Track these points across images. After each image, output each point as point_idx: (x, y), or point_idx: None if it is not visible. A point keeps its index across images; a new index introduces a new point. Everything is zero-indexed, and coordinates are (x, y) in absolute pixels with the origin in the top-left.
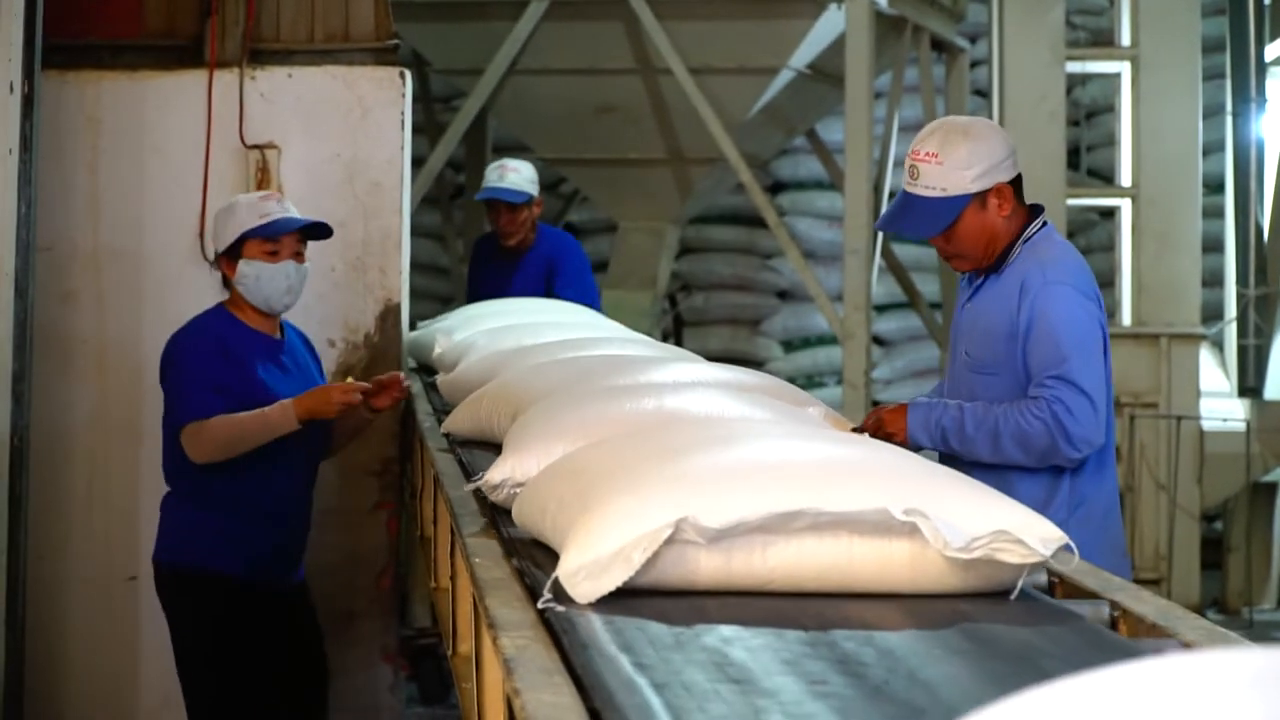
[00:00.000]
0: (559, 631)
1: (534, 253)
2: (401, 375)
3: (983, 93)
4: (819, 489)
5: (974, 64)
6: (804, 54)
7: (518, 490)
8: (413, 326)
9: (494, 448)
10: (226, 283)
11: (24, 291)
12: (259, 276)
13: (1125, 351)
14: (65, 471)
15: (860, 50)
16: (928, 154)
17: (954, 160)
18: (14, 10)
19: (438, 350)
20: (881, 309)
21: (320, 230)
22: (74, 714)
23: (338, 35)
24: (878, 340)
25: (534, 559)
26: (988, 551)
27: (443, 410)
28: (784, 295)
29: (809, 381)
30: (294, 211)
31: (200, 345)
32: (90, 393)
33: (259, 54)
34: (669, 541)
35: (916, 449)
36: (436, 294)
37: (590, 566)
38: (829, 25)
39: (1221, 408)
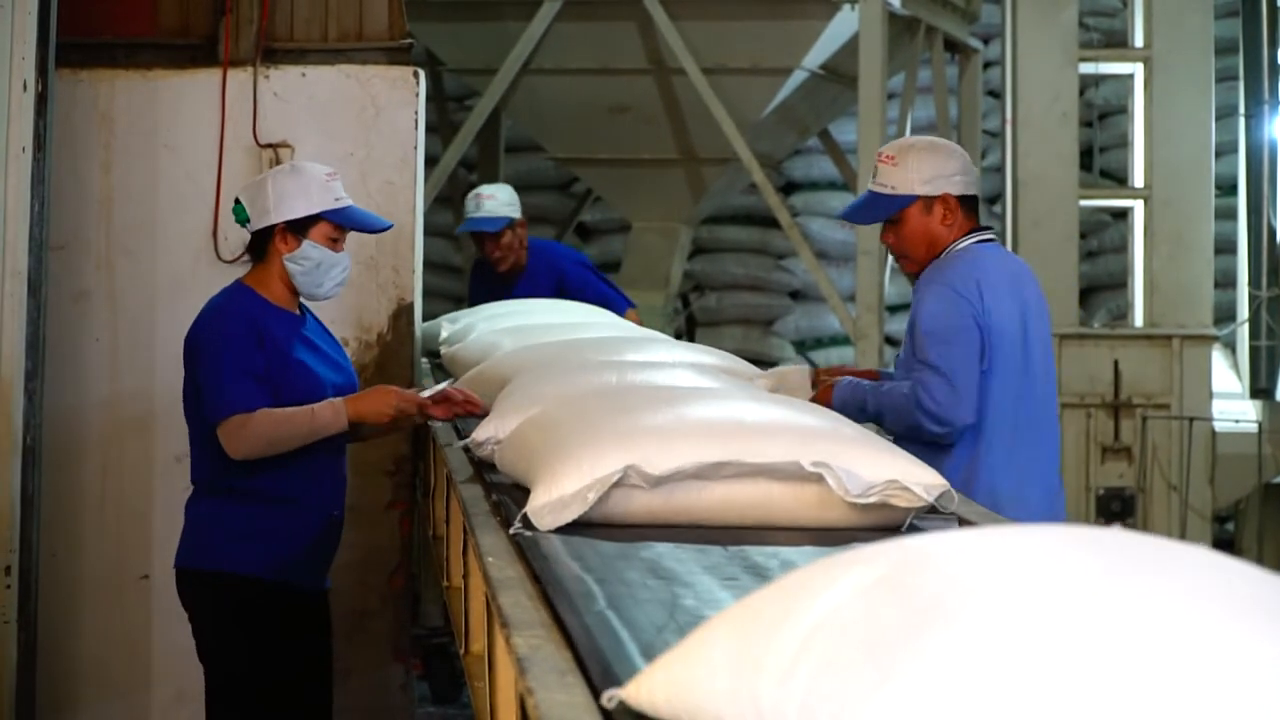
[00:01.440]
0: (526, 549)
1: (530, 271)
2: (474, 396)
3: (996, 94)
4: (743, 443)
5: (987, 65)
6: (817, 54)
7: (497, 447)
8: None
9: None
10: (258, 255)
11: (37, 290)
12: (320, 263)
13: (1137, 352)
14: (78, 470)
15: (874, 51)
16: (887, 156)
17: (906, 164)
18: (28, 8)
19: (444, 334)
20: (894, 309)
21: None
22: (87, 712)
23: (351, 34)
24: (890, 340)
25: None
26: (882, 497)
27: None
28: (797, 295)
29: None
30: (350, 200)
31: (234, 330)
32: (103, 392)
33: (273, 53)
34: (618, 484)
35: None
36: (449, 293)
37: (554, 504)
38: (842, 26)
39: (1233, 409)
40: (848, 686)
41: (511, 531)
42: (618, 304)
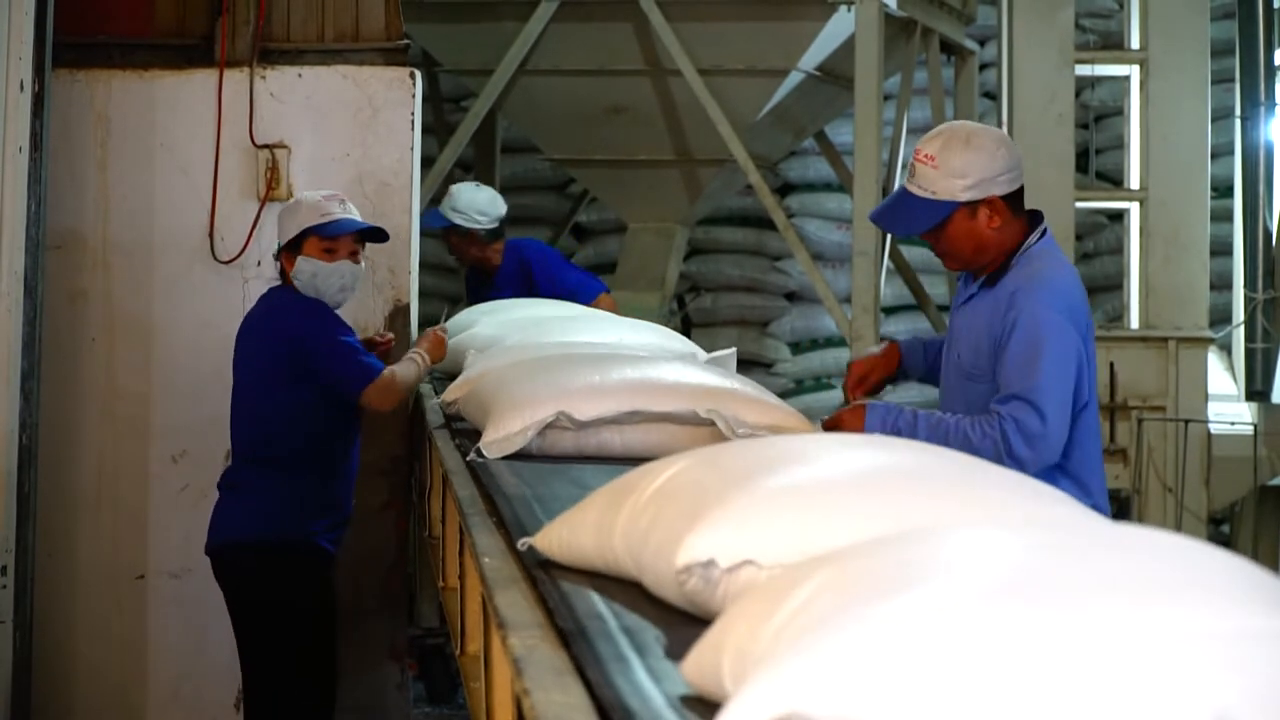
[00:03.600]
0: (479, 471)
1: (503, 269)
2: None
3: (992, 95)
4: (652, 396)
5: (983, 66)
6: (813, 56)
7: (461, 400)
8: (421, 326)
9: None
10: (284, 276)
11: (33, 289)
12: (315, 274)
13: (1133, 354)
14: (74, 470)
15: (870, 52)
16: (927, 155)
17: (949, 167)
18: (25, 8)
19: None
20: (890, 311)
21: (377, 234)
22: (82, 711)
23: (348, 35)
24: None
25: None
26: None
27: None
28: (792, 297)
29: (817, 383)
30: (355, 214)
31: (325, 316)
32: (99, 391)
33: (269, 53)
34: (552, 426)
35: None
36: (445, 293)
37: (500, 440)
38: (838, 27)
39: (1229, 411)
40: (670, 527)
41: (467, 459)
42: (588, 288)
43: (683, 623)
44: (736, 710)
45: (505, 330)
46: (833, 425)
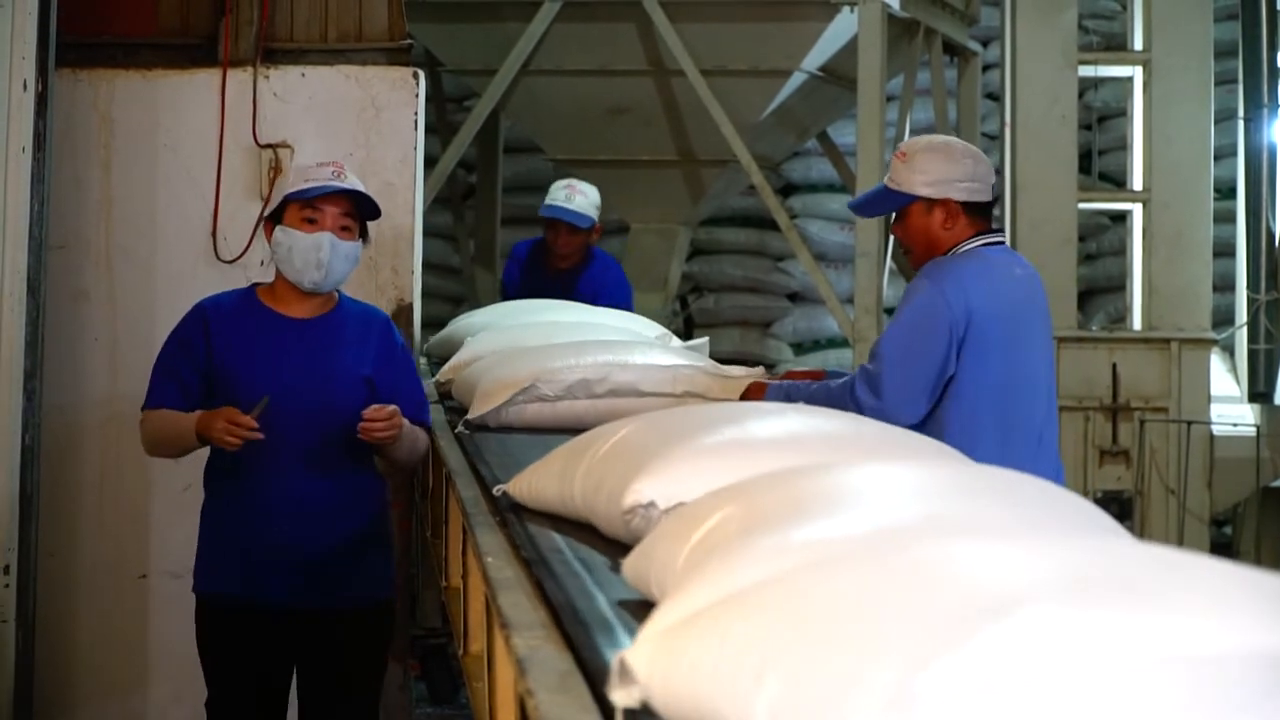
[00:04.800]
0: (464, 441)
1: (585, 275)
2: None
3: (995, 96)
4: (621, 372)
5: (986, 67)
6: (816, 57)
7: (451, 382)
8: (424, 327)
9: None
10: None
11: (36, 289)
12: (291, 246)
13: (1135, 356)
14: (76, 469)
15: (873, 53)
16: (900, 153)
17: (915, 164)
18: (28, 8)
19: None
20: (892, 312)
21: (368, 206)
22: (84, 710)
23: (351, 35)
24: None
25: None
26: None
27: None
28: (795, 297)
29: None
30: (355, 183)
31: (176, 330)
32: (101, 391)
33: (272, 53)
34: (531, 400)
35: None
36: (448, 294)
37: (484, 415)
38: (842, 28)
39: (1232, 412)
40: (619, 476)
41: (456, 432)
42: None
43: (626, 554)
44: (652, 625)
45: (496, 316)
46: (743, 399)
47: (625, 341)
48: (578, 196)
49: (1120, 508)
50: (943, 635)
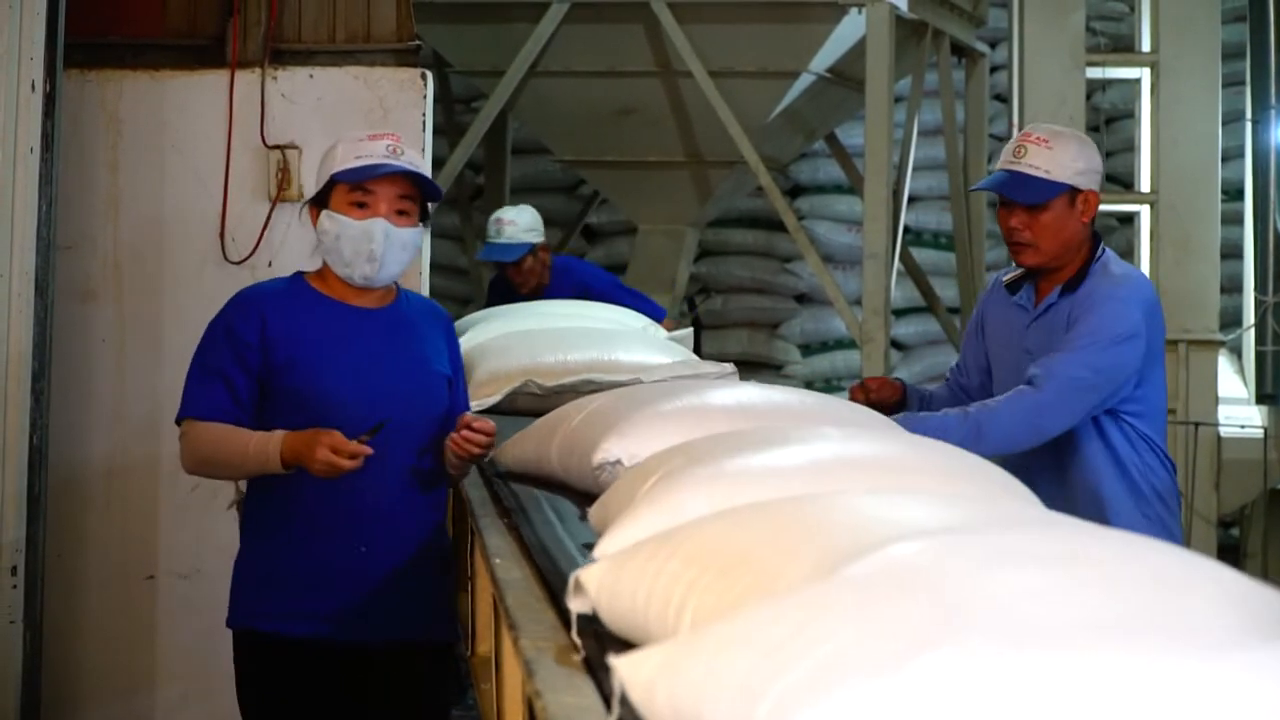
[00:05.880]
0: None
1: (553, 290)
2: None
3: (1002, 98)
4: (610, 371)
5: (994, 69)
6: (824, 58)
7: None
8: None
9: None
10: None
11: (44, 290)
12: (339, 235)
13: None
14: (84, 470)
15: (880, 54)
16: (1039, 138)
17: (1064, 151)
18: (36, 9)
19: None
20: (900, 313)
21: (429, 184)
22: (91, 711)
23: (359, 36)
24: (896, 344)
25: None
26: None
27: None
28: (802, 299)
29: (827, 385)
30: (414, 162)
31: (220, 321)
32: (109, 392)
33: (280, 54)
34: (526, 394)
35: None
36: (455, 295)
37: (481, 404)
38: (849, 29)
39: (1239, 414)
40: (590, 438)
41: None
42: (650, 314)
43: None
44: (601, 548)
45: (494, 313)
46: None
47: (611, 330)
48: (506, 228)
49: None
50: (826, 564)
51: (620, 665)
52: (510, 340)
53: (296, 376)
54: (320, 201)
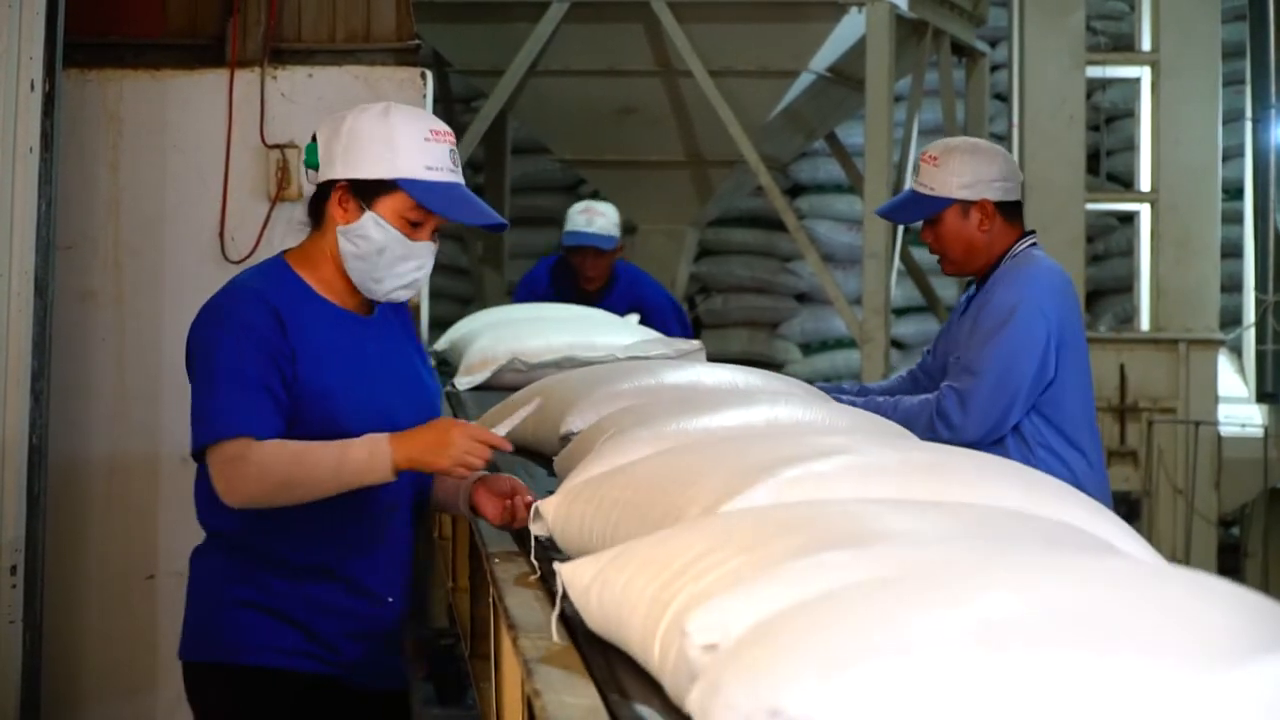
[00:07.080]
0: (450, 399)
1: (614, 293)
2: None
3: (1003, 97)
4: (587, 350)
5: (994, 68)
6: (824, 57)
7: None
8: (431, 327)
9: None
10: (315, 220)
11: (44, 290)
12: (384, 249)
13: (1144, 356)
14: (84, 470)
15: (880, 54)
16: (931, 156)
17: (948, 166)
18: (36, 8)
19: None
20: (900, 312)
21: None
22: (92, 712)
23: (359, 35)
24: (896, 344)
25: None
26: None
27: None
28: (803, 298)
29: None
30: (461, 178)
31: (241, 320)
32: (109, 392)
33: (280, 54)
34: (512, 371)
35: None
36: (456, 294)
37: (468, 379)
38: (849, 29)
39: (1239, 413)
40: (556, 412)
41: (447, 390)
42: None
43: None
44: (563, 486)
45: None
46: None
47: (595, 320)
48: (598, 219)
49: (1128, 508)
50: (735, 484)
51: (564, 570)
52: (499, 327)
53: (315, 392)
54: (362, 192)
